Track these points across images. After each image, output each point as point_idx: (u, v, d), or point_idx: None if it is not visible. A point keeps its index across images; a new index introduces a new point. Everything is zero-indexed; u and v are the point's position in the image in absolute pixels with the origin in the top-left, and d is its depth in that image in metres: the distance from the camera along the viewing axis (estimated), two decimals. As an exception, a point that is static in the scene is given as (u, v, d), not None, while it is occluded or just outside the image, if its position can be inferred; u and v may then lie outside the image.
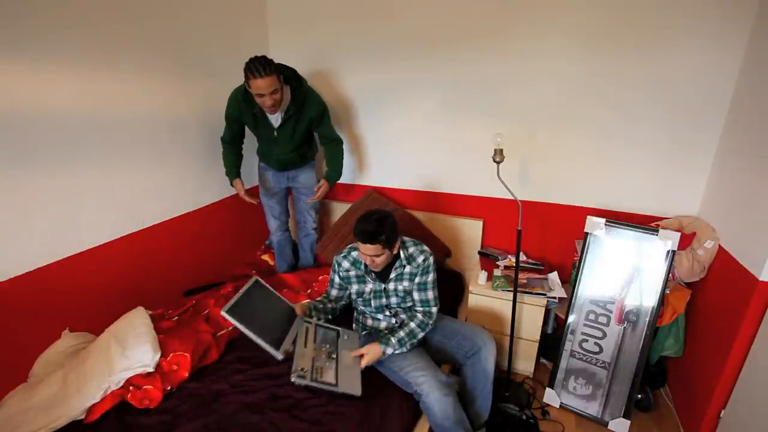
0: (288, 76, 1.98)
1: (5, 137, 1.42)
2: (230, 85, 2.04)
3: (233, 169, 2.24)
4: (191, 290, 2.23)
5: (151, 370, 1.48)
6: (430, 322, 1.66)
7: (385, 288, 1.68)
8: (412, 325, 1.62)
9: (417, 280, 1.66)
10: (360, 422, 1.37)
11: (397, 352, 1.56)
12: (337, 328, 1.67)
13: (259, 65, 1.77)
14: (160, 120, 1.99)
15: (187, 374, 1.54)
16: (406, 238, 1.72)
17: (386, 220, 1.52)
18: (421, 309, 1.67)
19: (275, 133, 2.09)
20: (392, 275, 1.66)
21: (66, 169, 1.62)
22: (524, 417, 1.87)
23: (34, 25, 1.45)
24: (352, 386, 1.42)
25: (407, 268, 1.66)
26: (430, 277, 1.67)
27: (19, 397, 1.42)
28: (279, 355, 1.40)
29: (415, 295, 1.67)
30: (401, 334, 1.59)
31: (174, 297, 2.15)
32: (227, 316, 1.34)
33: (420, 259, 1.66)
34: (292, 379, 1.37)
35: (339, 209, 2.77)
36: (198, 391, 1.50)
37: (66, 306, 1.69)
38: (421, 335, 1.63)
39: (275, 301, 1.62)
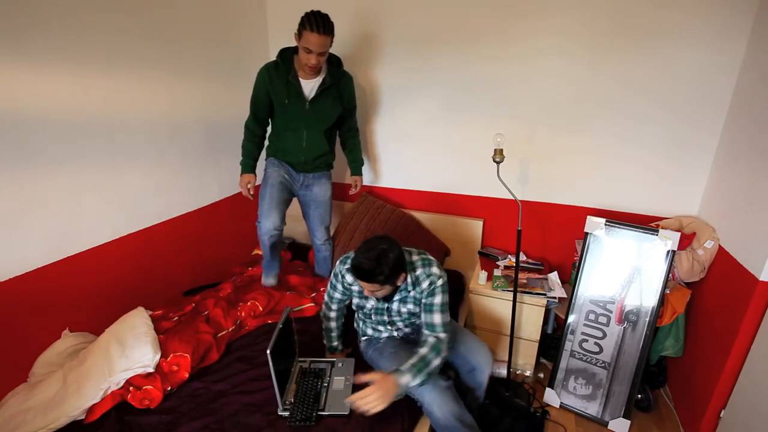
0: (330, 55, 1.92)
1: (5, 137, 1.42)
2: (230, 86, 2.03)
3: (249, 161, 2.04)
4: (191, 290, 2.23)
5: (151, 370, 1.48)
6: (443, 348, 1.43)
7: (388, 307, 1.57)
8: (423, 350, 1.40)
9: (423, 301, 1.50)
10: (361, 422, 1.37)
11: (414, 383, 1.33)
12: (332, 359, 1.64)
13: (321, 21, 1.67)
14: (160, 120, 1.98)
15: (187, 375, 1.54)
16: (415, 257, 1.52)
17: (386, 256, 1.33)
18: (428, 332, 1.47)
19: (307, 106, 1.92)
20: (396, 297, 1.54)
21: (66, 169, 1.62)
22: (532, 410, 1.89)
23: (35, 25, 1.45)
24: (340, 407, 1.42)
25: (411, 293, 1.51)
26: (437, 299, 1.47)
27: (19, 397, 1.42)
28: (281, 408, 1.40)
29: (423, 317, 1.50)
30: (413, 361, 1.36)
31: (174, 297, 2.15)
32: (270, 360, 1.30)
33: (425, 284, 1.48)
34: (279, 413, 1.38)
35: (338, 208, 2.77)
36: (198, 391, 1.51)
37: (66, 306, 1.69)
38: (436, 362, 1.39)
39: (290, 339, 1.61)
